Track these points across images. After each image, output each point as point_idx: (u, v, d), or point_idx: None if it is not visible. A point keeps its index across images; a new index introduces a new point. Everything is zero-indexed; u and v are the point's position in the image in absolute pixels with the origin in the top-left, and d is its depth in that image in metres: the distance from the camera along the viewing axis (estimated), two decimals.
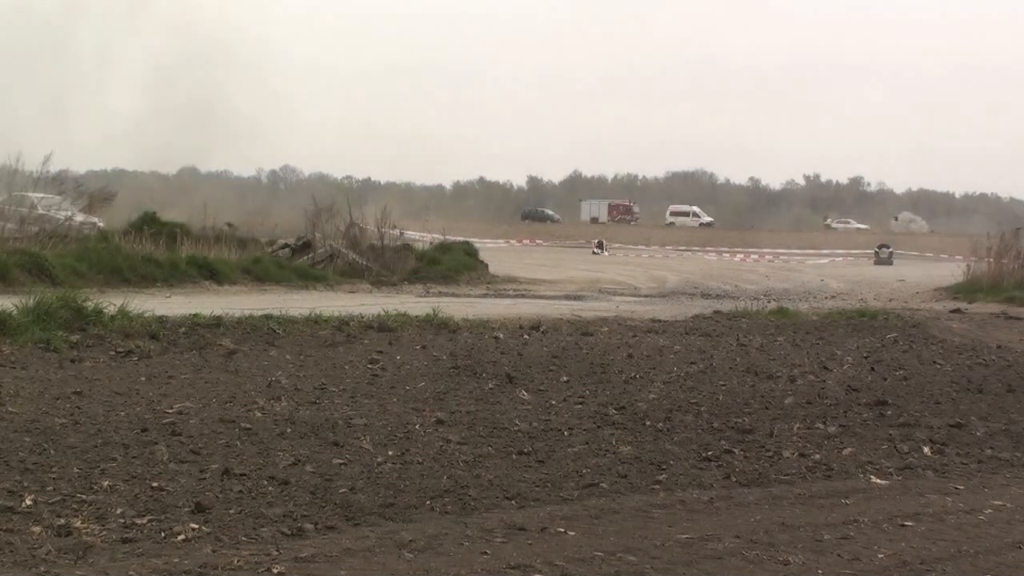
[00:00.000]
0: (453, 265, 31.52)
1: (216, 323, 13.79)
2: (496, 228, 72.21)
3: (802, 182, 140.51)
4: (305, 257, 28.54)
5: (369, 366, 11.66)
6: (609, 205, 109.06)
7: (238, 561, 5.35)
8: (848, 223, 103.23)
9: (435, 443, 8.17)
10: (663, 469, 7.79)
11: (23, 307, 12.46)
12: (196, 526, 5.86)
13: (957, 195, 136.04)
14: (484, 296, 25.73)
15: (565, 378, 11.44)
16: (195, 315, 14.25)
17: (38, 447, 7.37)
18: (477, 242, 40.82)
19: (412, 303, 20.51)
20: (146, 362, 11.30)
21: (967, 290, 28.77)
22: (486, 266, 33.83)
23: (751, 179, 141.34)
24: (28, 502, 6.13)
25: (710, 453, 8.33)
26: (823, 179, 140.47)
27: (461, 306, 19.73)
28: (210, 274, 24.44)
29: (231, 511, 6.17)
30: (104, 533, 5.70)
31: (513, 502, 6.75)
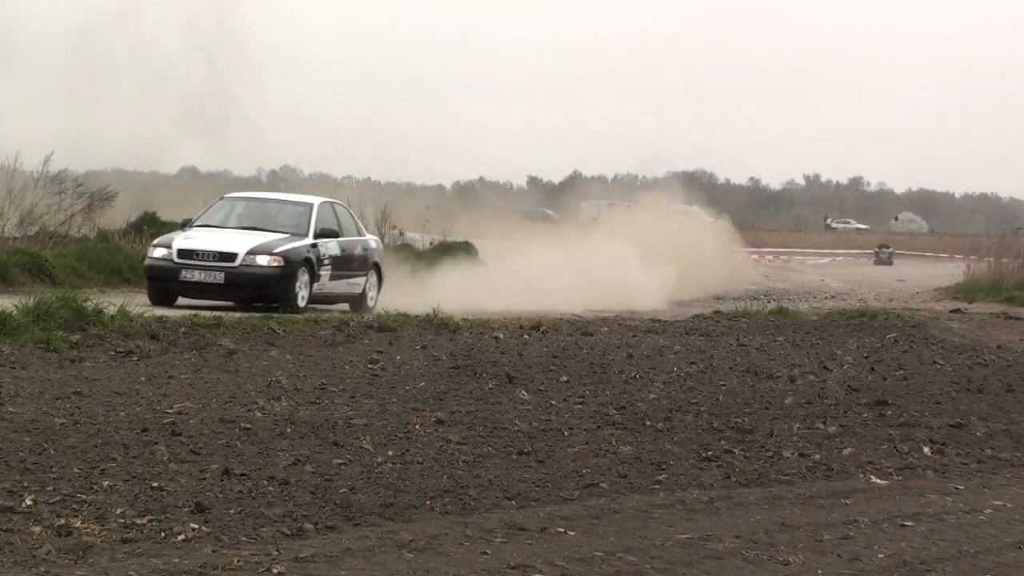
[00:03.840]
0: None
1: (216, 323, 13.78)
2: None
3: (802, 182, 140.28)
4: None
5: (369, 366, 11.66)
6: (609, 205, 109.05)
7: (238, 561, 5.36)
8: (848, 223, 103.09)
9: (435, 443, 8.17)
10: (663, 469, 7.79)
11: (23, 307, 12.44)
12: (196, 526, 5.86)
13: (957, 195, 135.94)
14: None
15: (565, 378, 11.43)
16: (195, 315, 14.25)
17: (38, 447, 7.37)
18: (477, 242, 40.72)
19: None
20: (146, 362, 11.29)
21: (967, 290, 28.79)
22: (486, 266, 33.74)
23: (751, 179, 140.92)
24: (28, 502, 6.13)
25: (710, 453, 8.34)
26: (823, 179, 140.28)
27: None
28: None
29: (231, 511, 6.17)
30: (104, 533, 5.70)
31: (513, 502, 6.76)
